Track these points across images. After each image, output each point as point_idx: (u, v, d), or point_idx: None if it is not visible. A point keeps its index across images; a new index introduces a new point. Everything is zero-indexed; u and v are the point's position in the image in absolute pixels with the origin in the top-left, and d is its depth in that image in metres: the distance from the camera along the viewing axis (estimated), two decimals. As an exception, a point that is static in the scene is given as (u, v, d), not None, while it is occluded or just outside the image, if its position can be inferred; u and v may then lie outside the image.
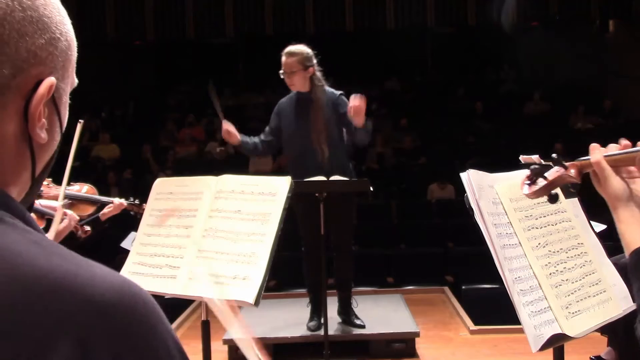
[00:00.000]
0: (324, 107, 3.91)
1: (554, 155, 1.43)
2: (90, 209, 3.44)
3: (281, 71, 3.93)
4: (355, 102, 3.60)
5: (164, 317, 0.61)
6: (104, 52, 11.46)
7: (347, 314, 4.13)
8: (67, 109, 0.73)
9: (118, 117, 12.08)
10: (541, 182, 1.42)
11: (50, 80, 0.66)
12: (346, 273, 4.14)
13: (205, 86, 4.13)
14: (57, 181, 3.33)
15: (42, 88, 0.65)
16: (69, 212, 2.86)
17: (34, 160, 0.68)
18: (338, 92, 4.00)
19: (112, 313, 0.57)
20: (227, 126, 3.87)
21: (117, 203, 3.39)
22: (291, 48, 3.93)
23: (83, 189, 3.51)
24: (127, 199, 3.50)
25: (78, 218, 2.88)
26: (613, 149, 1.33)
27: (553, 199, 1.43)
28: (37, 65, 0.65)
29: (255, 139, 4.07)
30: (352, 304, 4.17)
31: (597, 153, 1.31)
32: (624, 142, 1.32)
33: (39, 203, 3.07)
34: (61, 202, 2.85)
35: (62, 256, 0.59)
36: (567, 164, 1.40)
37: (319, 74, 3.97)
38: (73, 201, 3.38)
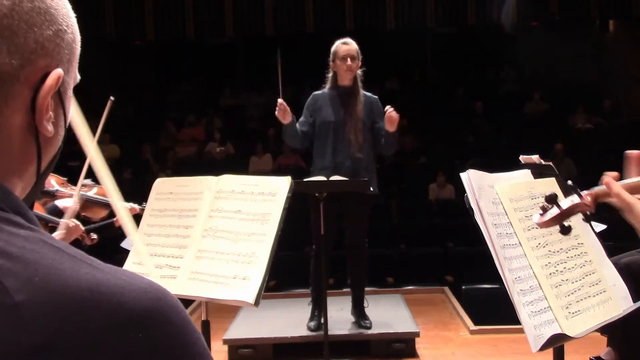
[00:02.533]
0: (363, 104, 3.98)
1: (569, 182, 1.35)
2: (102, 213, 3.28)
3: (346, 54, 4.00)
4: (392, 112, 3.81)
5: (192, 323, 0.60)
6: (103, 52, 11.46)
7: (358, 315, 4.12)
8: (71, 104, 0.72)
9: (118, 117, 12.07)
10: (554, 211, 1.33)
11: (58, 72, 0.65)
12: (361, 272, 4.15)
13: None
14: (72, 181, 3.25)
15: (50, 79, 0.65)
16: (74, 221, 2.82)
17: (40, 154, 0.67)
18: (375, 96, 4.05)
19: (150, 325, 0.55)
20: (283, 103, 3.82)
21: (129, 208, 3.17)
22: (347, 39, 4.08)
23: (93, 190, 3.31)
24: (139, 203, 3.31)
25: (83, 229, 2.84)
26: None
27: (566, 230, 1.34)
28: (44, 57, 0.65)
29: (299, 126, 4.01)
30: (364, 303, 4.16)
31: (615, 186, 1.31)
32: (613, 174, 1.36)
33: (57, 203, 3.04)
34: (72, 208, 2.83)
35: (80, 260, 0.58)
36: (583, 193, 1.33)
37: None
38: (86, 203, 3.25)
